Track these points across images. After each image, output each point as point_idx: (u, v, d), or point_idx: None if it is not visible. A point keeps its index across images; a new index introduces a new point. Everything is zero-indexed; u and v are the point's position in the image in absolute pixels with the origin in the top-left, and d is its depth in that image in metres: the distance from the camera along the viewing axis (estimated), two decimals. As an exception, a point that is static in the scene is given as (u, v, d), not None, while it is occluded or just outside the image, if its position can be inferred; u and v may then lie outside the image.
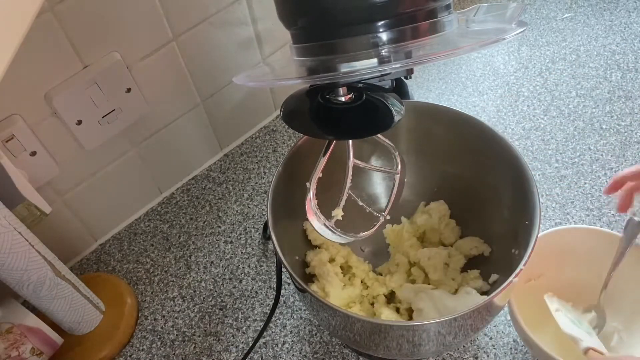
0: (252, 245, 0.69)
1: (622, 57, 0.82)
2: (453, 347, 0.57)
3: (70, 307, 0.57)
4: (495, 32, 0.41)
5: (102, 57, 0.58)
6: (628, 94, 0.77)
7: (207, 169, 0.78)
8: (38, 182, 0.59)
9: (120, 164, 0.67)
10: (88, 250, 0.71)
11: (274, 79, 0.56)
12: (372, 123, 0.45)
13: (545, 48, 0.85)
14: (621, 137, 0.72)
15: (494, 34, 0.40)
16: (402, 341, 0.46)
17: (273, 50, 0.75)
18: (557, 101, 0.78)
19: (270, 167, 0.77)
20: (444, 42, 0.39)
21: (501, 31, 0.40)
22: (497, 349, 0.57)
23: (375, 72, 0.40)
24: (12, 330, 0.55)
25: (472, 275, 0.57)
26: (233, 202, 0.74)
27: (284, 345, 0.60)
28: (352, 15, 0.38)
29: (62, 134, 0.59)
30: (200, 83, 0.69)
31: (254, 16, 0.69)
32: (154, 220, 0.73)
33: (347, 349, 0.59)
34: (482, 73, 0.84)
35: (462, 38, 0.41)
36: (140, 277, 0.68)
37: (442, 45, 0.39)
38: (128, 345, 0.62)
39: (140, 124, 0.66)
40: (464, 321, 0.45)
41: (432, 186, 0.64)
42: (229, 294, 0.65)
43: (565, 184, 0.69)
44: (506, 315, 0.59)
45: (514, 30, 0.39)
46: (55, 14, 0.52)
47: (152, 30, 0.61)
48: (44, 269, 0.53)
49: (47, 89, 0.55)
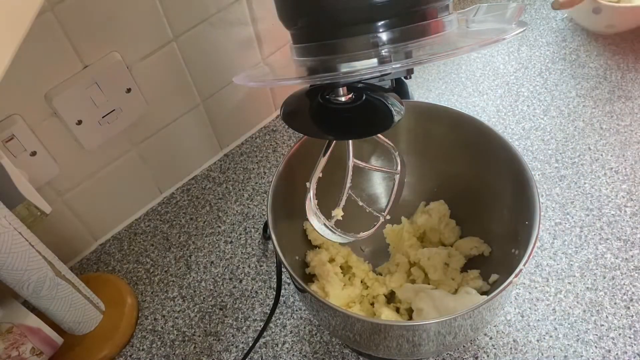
0: (252, 245, 0.69)
1: (622, 57, 0.82)
2: (453, 347, 0.57)
3: (70, 307, 0.57)
4: (495, 32, 0.41)
5: (102, 57, 0.58)
6: (628, 94, 0.77)
7: (207, 169, 0.78)
8: (38, 182, 0.59)
9: (120, 164, 0.67)
10: (88, 250, 0.71)
11: (274, 79, 0.56)
12: (372, 123, 0.45)
13: (545, 48, 0.85)
14: (621, 137, 0.72)
15: (494, 34, 0.40)
16: (402, 341, 0.46)
17: (273, 50, 0.75)
18: (557, 101, 0.78)
19: (270, 167, 0.77)
20: (444, 42, 0.39)
21: (501, 31, 0.40)
22: (497, 349, 0.57)
23: (375, 72, 0.40)
24: (12, 330, 0.55)
25: (472, 275, 0.58)
26: (233, 202, 0.74)
27: (284, 345, 0.60)
28: (351, 15, 0.38)
29: (62, 134, 0.59)
30: (200, 83, 0.69)
31: (254, 16, 0.70)
32: (154, 220, 0.73)
33: (347, 349, 0.59)
34: (482, 73, 0.84)
35: (462, 38, 0.41)
36: (140, 277, 0.68)
37: (442, 45, 0.39)
38: (128, 345, 0.62)
39: (140, 124, 0.66)
40: (464, 321, 0.45)
41: (432, 186, 0.64)
42: (229, 294, 0.65)
43: (565, 184, 0.69)
44: (506, 315, 0.59)
45: (514, 31, 0.39)
46: (56, 14, 0.52)
47: (152, 30, 0.61)
48: (44, 269, 0.53)
49: (47, 89, 0.55)
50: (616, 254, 0.62)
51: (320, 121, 0.46)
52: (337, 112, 0.45)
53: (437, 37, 0.39)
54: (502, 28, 0.41)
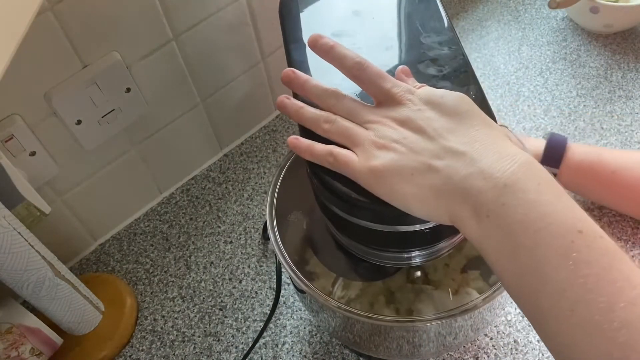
0: (252, 246, 0.69)
1: (623, 57, 0.82)
2: (453, 347, 0.56)
3: (69, 307, 0.57)
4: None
5: (102, 56, 0.58)
6: (629, 94, 0.77)
7: (206, 169, 0.78)
8: (37, 182, 0.59)
9: (120, 164, 0.67)
10: (87, 250, 0.71)
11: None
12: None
13: (546, 48, 0.85)
14: (622, 137, 0.72)
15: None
16: (402, 342, 0.46)
17: (273, 50, 0.75)
18: (557, 101, 0.78)
19: (270, 167, 0.77)
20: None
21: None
22: (497, 350, 0.57)
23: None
24: (11, 331, 0.55)
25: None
26: (233, 202, 0.74)
27: (283, 346, 0.60)
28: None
29: (61, 134, 0.59)
30: (200, 83, 0.69)
31: (254, 16, 0.69)
32: (154, 220, 0.73)
33: (347, 349, 0.59)
34: (482, 73, 0.84)
35: None
36: (139, 277, 0.68)
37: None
38: (128, 346, 0.62)
39: (139, 124, 0.66)
40: (464, 322, 0.44)
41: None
42: (229, 294, 0.65)
43: (566, 184, 0.69)
44: (506, 315, 0.59)
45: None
46: (55, 14, 0.52)
47: (152, 30, 0.60)
48: (43, 269, 0.52)
49: (46, 88, 0.55)
50: (617, 254, 0.62)
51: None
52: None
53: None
54: None
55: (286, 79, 0.41)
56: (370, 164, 0.35)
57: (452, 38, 0.43)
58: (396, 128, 0.36)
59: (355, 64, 0.38)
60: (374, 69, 0.38)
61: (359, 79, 0.39)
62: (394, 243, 0.42)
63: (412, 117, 0.36)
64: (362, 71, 0.38)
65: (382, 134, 0.36)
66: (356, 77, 0.39)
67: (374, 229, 0.39)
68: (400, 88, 0.37)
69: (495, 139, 0.34)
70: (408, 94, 0.37)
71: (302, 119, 0.40)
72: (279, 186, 0.53)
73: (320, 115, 0.39)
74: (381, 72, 0.38)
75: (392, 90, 0.37)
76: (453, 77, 0.41)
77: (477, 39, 0.88)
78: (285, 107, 0.41)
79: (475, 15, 0.92)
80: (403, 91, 0.37)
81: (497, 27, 0.90)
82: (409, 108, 0.36)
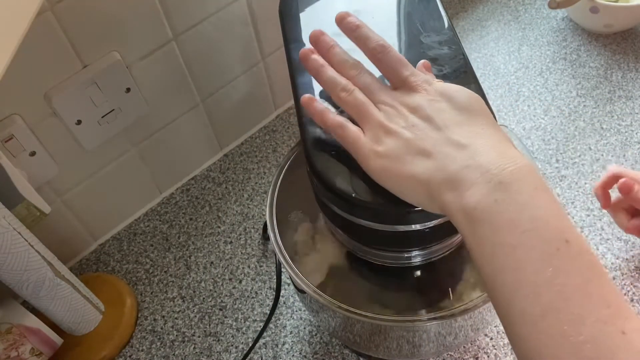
0: (252, 246, 0.69)
1: (623, 57, 0.82)
2: (453, 347, 0.56)
3: (69, 307, 0.57)
4: None
5: (102, 56, 0.58)
6: (629, 94, 0.77)
7: (206, 169, 0.78)
8: (37, 182, 0.59)
9: (120, 164, 0.67)
10: (87, 250, 0.71)
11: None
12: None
13: (546, 48, 0.85)
14: (622, 137, 0.72)
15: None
16: (402, 342, 0.46)
17: (273, 50, 0.75)
18: (557, 101, 0.78)
19: (270, 167, 0.77)
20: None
21: None
22: (497, 350, 0.57)
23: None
24: (11, 331, 0.55)
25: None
26: (233, 203, 0.74)
27: (283, 346, 0.60)
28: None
29: (61, 134, 0.59)
30: (199, 83, 0.69)
31: (254, 16, 0.69)
32: (154, 220, 0.73)
33: (347, 349, 0.59)
34: (482, 73, 0.84)
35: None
36: (139, 277, 0.68)
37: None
38: (128, 346, 0.62)
39: (139, 124, 0.66)
40: (464, 322, 0.44)
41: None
42: (229, 295, 0.65)
43: (566, 184, 0.69)
44: (506, 315, 0.59)
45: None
46: (55, 13, 0.52)
47: (152, 30, 0.60)
48: (43, 269, 0.52)
49: (46, 88, 0.55)
50: (617, 254, 0.62)
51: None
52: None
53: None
54: None
55: (313, 38, 0.41)
56: (375, 149, 0.35)
57: (452, 38, 0.43)
58: (406, 115, 0.36)
59: (378, 46, 0.38)
60: (396, 54, 0.38)
61: (380, 61, 0.39)
62: (394, 243, 0.42)
63: (423, 105, 0.36)
64: (384, 54, 0.38)
65: (392, 119, 0.36)
66: (378, 59, 0.39)
67: (374, 229, 0.39)
68: (418, 77, 0.38)
69: (499, 140, 0.34)
70: (425, 83, 0.37)
71: (320, 78, 0.40)
72: (279, 186, 0.53)
73: (340, 81, 0.39)
74: (402, 58, 0.38)
75: (410, 78, 0.38)
76: (453, 76, 0.41)
77: (477, 39, 0.88)
78: (307, 60, 0.40)
79: (475, 15, 0.92)
80: (420, 80, 0.37)
81: (497, 27, 0.90)
82: (422, 96, 0.37)
